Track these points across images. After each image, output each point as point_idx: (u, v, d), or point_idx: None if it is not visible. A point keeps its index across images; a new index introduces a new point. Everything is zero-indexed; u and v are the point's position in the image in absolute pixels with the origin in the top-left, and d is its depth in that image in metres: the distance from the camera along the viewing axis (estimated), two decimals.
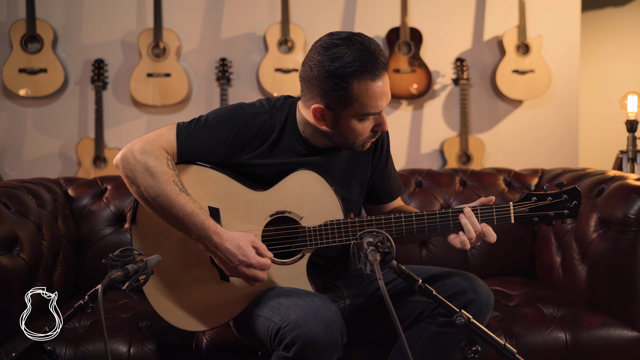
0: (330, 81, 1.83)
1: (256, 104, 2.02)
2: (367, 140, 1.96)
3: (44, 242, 2.41)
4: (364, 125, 1.90)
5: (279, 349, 1.79)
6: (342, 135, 1.93)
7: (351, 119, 1.88)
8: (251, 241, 1.89)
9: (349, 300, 2.10)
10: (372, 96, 1.84)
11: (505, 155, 4.80)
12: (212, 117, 1.98)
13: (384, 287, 1.48)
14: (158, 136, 1.94)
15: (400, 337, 1.47)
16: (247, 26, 4.61)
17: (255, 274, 1.88)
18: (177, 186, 1.87)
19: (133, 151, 1.89)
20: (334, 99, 1.85)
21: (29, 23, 4.37)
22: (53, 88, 4.43)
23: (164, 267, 1.99)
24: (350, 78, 1.82)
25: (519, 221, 1.96)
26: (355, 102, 1.84)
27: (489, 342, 1.62)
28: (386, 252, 1.62)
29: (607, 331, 2.28)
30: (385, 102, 1.89)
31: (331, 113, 1.89)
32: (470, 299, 1.97)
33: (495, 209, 1.95)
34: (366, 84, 1.83)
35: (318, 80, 1.85)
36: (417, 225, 1.96)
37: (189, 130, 1.96)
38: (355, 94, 1.83)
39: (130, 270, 1.63)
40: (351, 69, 1.81)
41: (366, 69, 1.81)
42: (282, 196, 1.96)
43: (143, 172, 1.86)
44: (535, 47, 4.66)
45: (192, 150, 1.95)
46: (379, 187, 2.20)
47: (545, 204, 1.95)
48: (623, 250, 2.31)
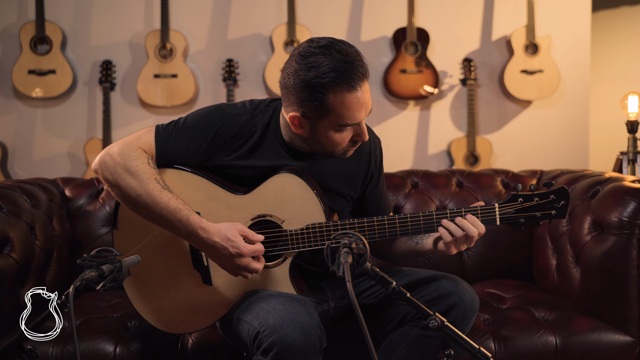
0: (306, 91, 1.80)
1: (238, 105, 2.01)
2: (348, 149, 1.94)
3: (37, 242, 2.43)
4: (342, 136, 1.87)
5: (258, 354, 1.78)
6: (320, 144, 1.90)
7: (328, 129, 1.85)
8: (239, 230, 1.84)
9: (333, 302, 2.09)
10: (349, 107, 1.80)
11: (514, 156, 4.76)
12: (191, 118, 1.98)
13: (351, 289, 1.47)
14: (136, 138, 1.93)
15: (367, 340, 1.45)
16: (254, 27, 4.62)
17: (248, 263, 1.84)
18: (159, 184, 1.85)
19: (111, 154, 1.88)
20: (310, 109, 1.82)
21: (38, 25, 4.42)
22: (62, 89, 4.47)
23: (146, 270, 1.98)
24: (326, 89, 1.78)
25: (504, 223, 1.93)
26: (332, 112, 1.81)
27: (463, 345, 1.60)
28: (360, 254, 1.62)
29: (598, 335, 2.24)
30: (363, 112, 1.85)
31: (308, 122, 1.86)
32: (454, 302, 1.95)
33: (480, 211, 1.92)
34: (342, 95, 1.79)
35: (294, 89, 1.82)
36: (400, 229, 1.94)
37: (168, 132, 1.95)
38: (331, 105, 1.80)
39: (106, 271, 1.63)
40: (326, 79, 1.77)
41: (342, 80, 1.77)
42: (263, 199, 1.95)
43: (123, 172, 1.86)
44: (544, 47, 4.61)
45: (171, 152, 1.94)
46: (368, 204, 2.16)
47: (531, 204, 1.92)
48: (616, 254, 2.28)
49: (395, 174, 2.90)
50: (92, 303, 2.46)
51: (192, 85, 4.51)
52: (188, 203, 1.94)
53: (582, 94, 4.76)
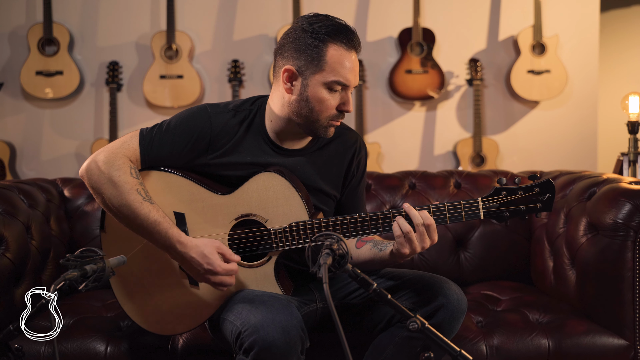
0: (307, 38, 1.88)
1: (221, 104, 2.03)
2: (332, 120, 1.94)
3: (32, 241, 2.45)
4: (331, 97, 1.90)
5: (240, 353, 1.79)
6: (308, 106, 1.91)
7: (319, 86, 1.89)
8: (216, 247, 1.88)
9: (321, 303, 2.09)
10: (344, 65, 1.89)
11: (521, 157, 4.72)
12: (174, 121, 2.00)
13: (328, 291, 1.47)
14: (121, 144, 1.95)
15: (343, 343, 1.45)
16: (259, 28, 4.63)
17: (222, 280, 1.88)
18: (140, 195, 1.88)
19: (97, 162, 1.91)
20: (306, 60, 1.88)
21: (46, 26, 4.46)
22: (69, 90, 4.51)
23: (134, 272, 2.00)
24: (326, 40, 1.88)
25: (489, 217, 1.91)
26: (326, 65, 1.88)
27: (443, 348, 1.59)
28: (342, 255, 1.61)
29: (592, 339, 2.21)
30: (353, 78, 1.92)
31: (300, 78, 1.90)
32: (441, 303, 1.94)
33: (463, 205, 1.91)
34: (340, 50, 1.88)
35: (294, 41, 1.90)
36: (382, 225, 1.92)
37: (152, 136, 1.97)
38: (328, 56, 1.88)
39: (89, 271, 1.64)
40: (328, 31, 1.88)
41: (342, 37, 1.89)
42: (245, 199, 1.95)
43: (106, 182, 1.88)
44: (552, 47, 4.57)
45: (155, 155, 1.96)
46: (345, 205, 2.16)
47: (516, 198, 1.90)
48: (611, 256, 2.25)
49: (393, 174, 2.89)
50: (88, 303, 2.48)
51: (197, 86, 4.53)
52: (173, 205, 1.96)
53: (591, 94, 4.72)
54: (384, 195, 2.79)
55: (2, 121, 4.59)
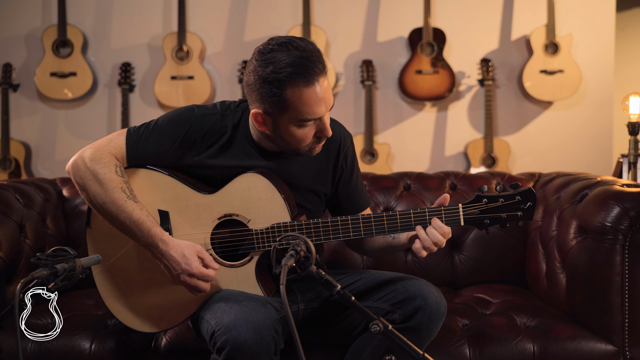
0: (265, 87, 1.82)
1: (209, 106, 2.04)
2: (313, 146, 1.94)
3: (27, 240, 2.50)
4: (304, 131, 1.88)
5: (214, 353, 1.81)
6: (283, 140, 1.92)
7: (289, 125, 1.87)
8: (197, 251, 1.91)
9: (303, 304, 2.09)
10: (307, 102, 1.82)
11: (534, 158, 4.65)
12: (162, 120, 2.01)
13: (284, 293, 1.47)
14: (108, 142, 1.98)
15: (297, 346, 1.45)
16: (270, 28, 4.64)
17: (197, 284, 1.90)
18: (124, 193, 1.90)
19: (84, 158, 1.94)
20: (270, 105, 1.85)
21: (60, 29, 4.54)
22: (82, 91, 4.58)
23: (118, 269, 2.03)
24: (283, 84, 1.80)
25: (469, 223, 1.92)
26: (290, 108, 1.83)
27: (406, 351, 1.58)
28: (306, 257, 1.61)
29: (578, 344, 2.18)
30: (323, 108, 1.86)
31: (270, 118, 1.88)
32: (419, 305, 1.93)
33: (444, 211, 1.90)
34: (300, 90, 1.80)
35: (255, 86, 1.85)
36: (364, 230, 1.93)
37: (139, 134, 1.99)
38: (289, 99, 1.81)
39: (60, 270, 1.66)
40: (283, 74, 1.79)
41: (299, 75, 1.79)
42: (229, 199, 1.97)
43: (91, 179, 1.91)
44: (565, 47, 4.50)
45: (142, 154, 1.98)
46: (343, 199, 2.16)
47: (496, 205, 1.90)
48: (599, 260, 2.21)
49: (388, 176, 2.87)
50: (80, 301, 2.51)
51: (208, 87, 4.57)
52: (157, 203, 1.98)
53: (606, 94, 4.63)
54: (378, 196, 2.77)
55: (18, 121, 4.68)
